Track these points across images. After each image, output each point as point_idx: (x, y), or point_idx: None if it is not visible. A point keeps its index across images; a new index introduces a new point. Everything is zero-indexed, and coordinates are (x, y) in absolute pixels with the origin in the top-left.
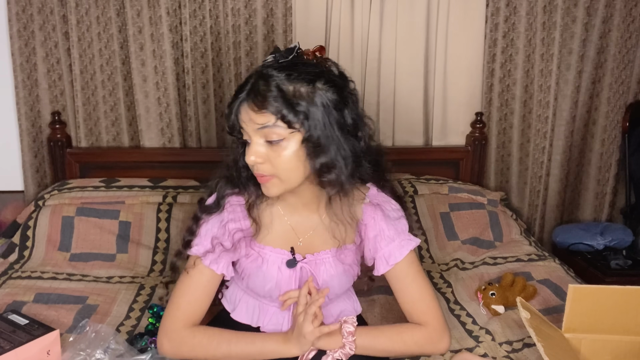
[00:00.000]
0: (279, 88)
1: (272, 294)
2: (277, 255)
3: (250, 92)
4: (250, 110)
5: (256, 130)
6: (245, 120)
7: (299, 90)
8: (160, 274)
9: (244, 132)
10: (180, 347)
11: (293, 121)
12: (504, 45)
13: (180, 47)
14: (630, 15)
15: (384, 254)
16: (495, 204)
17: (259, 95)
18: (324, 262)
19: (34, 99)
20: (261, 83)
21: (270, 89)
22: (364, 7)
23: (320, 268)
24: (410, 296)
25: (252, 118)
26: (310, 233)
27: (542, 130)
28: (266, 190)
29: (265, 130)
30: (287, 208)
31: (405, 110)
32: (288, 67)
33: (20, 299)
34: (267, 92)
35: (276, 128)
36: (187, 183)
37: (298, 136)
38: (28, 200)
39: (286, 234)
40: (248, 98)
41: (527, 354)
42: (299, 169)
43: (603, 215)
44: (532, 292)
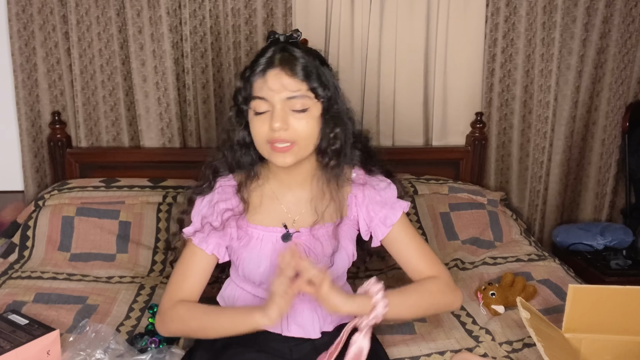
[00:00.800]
0: (305, 59)
1: (268, 275)
2: (270, 233)
3: (282, 60)
4: (285, 76)
5: (284, 99)
6: (275, 87)
7: (318, 65)
8: (160, 274)
9: (263, 101)
10: (166, 322)
11: (318, 91)
12: (504, 45)
13: (180, 47)
14: (630, 15)
15: (379, 218)
16: (495, 204)
17: (290, 63)
18: (318, 237)
19: (34, 99)
20: (286, 54)
21: (299, 58)
22: (364, 7)
23: (314, 242)
24: (414, 254)
25: (285, 84)
26: (302, 212)
27: (542, 130)
28: (282, 158)
29: (294, 100)
30: (280, 188)
31: (405, 110)
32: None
33: (20, 299)
34: (297, 60)
35: (305, 97)
36: (187, 183)
37: (319, 106)
38: (28, 200)
39: (279, 214)
40: (280, 65)
41: (527, 354)
42: (315, 137)
43: (603, 215)
44: (532, 292)
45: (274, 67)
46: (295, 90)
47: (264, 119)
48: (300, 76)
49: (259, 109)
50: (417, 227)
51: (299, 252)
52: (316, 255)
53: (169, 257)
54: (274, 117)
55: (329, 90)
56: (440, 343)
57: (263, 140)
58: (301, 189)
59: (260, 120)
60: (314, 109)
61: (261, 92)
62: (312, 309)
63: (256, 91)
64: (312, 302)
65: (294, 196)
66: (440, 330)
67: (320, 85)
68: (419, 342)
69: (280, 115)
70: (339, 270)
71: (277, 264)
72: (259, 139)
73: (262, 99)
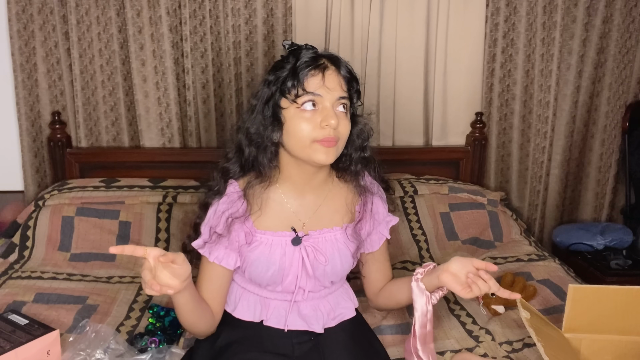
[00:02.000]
0: (349, 67)
1: (275, 279)
2: (279, 238)
3: (335, 62)
4: (339, 76)
5: (337, 99)
6: (331, 86)
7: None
8: None
9: (318, 97)
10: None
11: (355, 97)
12: (504, 45)
13: (180, 47)
14: (630, 15)
15: (380, 230)
16: (495, 204)
17: (341, 67)
18: (326, 240)
19: (34, 99)
20: (334, 59)
21: (347, 66)
22: (364, 7)
23: (324, 244)
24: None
25: (342, 85)
26: (312, 215)
27: (542, 130)
28: (327, 154)
29: (342, 100)
30: (290, 192)
31: (405, 110)
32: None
33: (20, 299)
34: (346, 67)
35: (347, 99)
36: (187, 183)
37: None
38: (28, 200)
39: (288, 218)
40: (334, 65)
41: (527, 354)
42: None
43: (603, 215)
44: (532, 292)
45: (328, 67)
46: (345, 91)
47: (312, 116)
48: (348, 79)
49: (311, 103)
50: (417, 227)
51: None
52: (325, 257)
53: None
54: (330, 114)
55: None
56: (440, 343)
57: (309, 138)
58: (313, 193)
59: (307, 118)
60: (348, 113)
61: (318, 89)
62: (315, 306)
63: (310, 87)
64: (314, 299)
65: (303, 200)
66: (440, 330)
67: (356, 92)
68: None
69: (334, 114)
70: (344, 269)
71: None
72: (305, 136)
73: (317, 95)
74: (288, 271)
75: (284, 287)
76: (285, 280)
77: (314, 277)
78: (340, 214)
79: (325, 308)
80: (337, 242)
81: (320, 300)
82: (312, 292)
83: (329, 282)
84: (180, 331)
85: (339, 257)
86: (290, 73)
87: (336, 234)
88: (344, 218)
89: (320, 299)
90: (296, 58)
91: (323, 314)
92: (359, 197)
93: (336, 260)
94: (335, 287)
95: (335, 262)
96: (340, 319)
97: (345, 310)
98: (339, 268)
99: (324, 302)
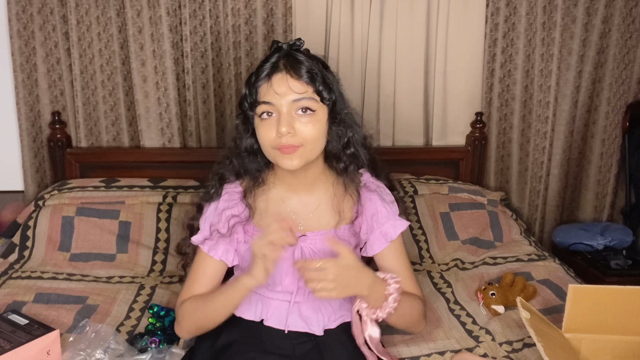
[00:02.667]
0: (309, 63)
1: (273, 278)
2: None
3: (286, 64)
4: (290, 79)
5: (291, 102)
6: (281, 91)
7: (322, 70)
8: (160, 274)
9: (271, 106)
10: (180, 323)
11: (324, 94)
12: (504, 45)
13: (180, 47)
14: (630, 15)
15: (381, 232)
16: (495, 204)
17: (295, 66)
18: (323, 242)
19: (34, 99)
20: (290, 58)
21: (303, 62)
22: (364, 7)
23: (321, 248)
24: (403, 274)
25: (291, 87)
26: (309, 216)
27: (542, 130)
28: (290, 161)
29: (301, 102)
30: (287, 192)
31: (405, 110)
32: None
33: (20, 299)
34: (301, 64)
35: (311, 100)
36: (187, 183)
37: (325, 110)
38: (28, 200)
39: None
40: (285, 69)
41: (527, 354)
42: (322, 141)
43: (603, 215)
44: (532, 292)
45: (278, 70)
46: (301, 92)
47: (271, 124)
48: (306, 78)
49: (266, 111)
50: (417, 227)
51: (289, 221)
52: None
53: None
54: (281, 121)
55: (334, 94)
56: (440, 343)
57: (270, 146)
58: (308, 193)
59: (266, 125)
60: (320, 112)
61: (267, 97)
62: (317, 308)
63: (262, 96)
64: (316, 300)
65: (300, 200)
66: (440, 330)
67: (326, 88)
68: (419, 342)
69: (287, 120)
70: None
71: (265, 231)
72: (266, 144)
73: (268, 103)
74: (286, 271)
75: (283, 287)
76: (285, 280)
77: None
78: (339, 214)
79: (326, 310)
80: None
81: (322, 301)
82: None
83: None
84: None
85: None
86: (247, 83)
87: (334, 235)
88: (343, 219)
89: (322, 300)
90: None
91: (324, 315)
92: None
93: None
94: None
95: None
96: (342, 320)
97: (347, 312)
98: None
99: (326, 303)
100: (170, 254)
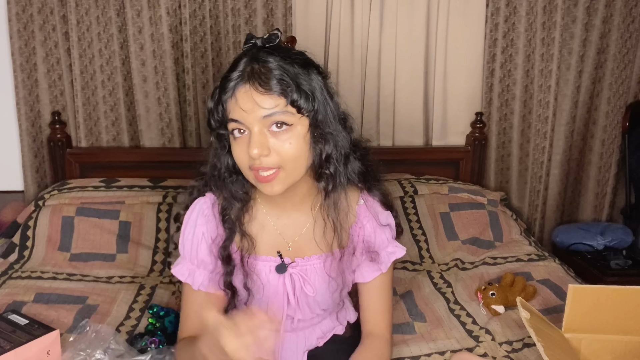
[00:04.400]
0: (281, 69)
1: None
2: (263, 263)
3: (251, 75)
4: (256, 93)
5: (261, 118)
6: (247, 108)
7: (299, 73)
8: (160, 274)
9: (239, 124)
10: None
11: (301, 104)
12: (504, 45)
13: (180, 47)
14: (630, 15)
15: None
16: (495, 204)
17: (262, 76)
18: (315, 268)
19: (34, 99)
20: (258, 65)
21: (272, 70)
22: (364, 7)
23: (312, 274)
24: (382, 308)
25: (258, 102)
26: (298, 236)
27: (542, 130)
28: (270, 187)
29: (274, 117)
30: (274, 211)
31: (405, 110)
32: (277, 51)
33: (20, 299)
34: (270, 73)
35: (285, 114)
36: (187, 183)
37: (305, 122)
38: (28, 200)
39: (273, 239)
40: (249, 81)
41: (527, 354)
42: (304, 158)
43: (603, 215)
44: (532, 292)
45: (243, 83)
46: (271, 107)
47: (245, 142)
48: (276, 90)
49: (237, 129)
50: (417, 227)
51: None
52: (313, 287)
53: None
54: (251, 143)
55: (315, 101)
56: (440, 343)
57: (246, 167)
58: (297, 211)
59: (239, 144)
60: (298, 125)
61: (233, 114)
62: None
63: (229, 112)
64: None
65: (289, 218)
66: (440, 330)
67: (302, 96)
68: (419, 342)
69: (258, 140)
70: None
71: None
72: (242, 165)
73: (235, 121)
74: (273, 300)
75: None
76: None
77: (303, 306)
78: (331, 236)
79: (316, 335)
80: (328, 269)
81: (312, 328)
82: (302, 321)
83: (321, 310)
84: None
85: (327, 287)
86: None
87: (326, 261)
88: (335, 241)
89: (312, 327)
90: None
91: (312, 342)
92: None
93: (325, 291)
94: (328, 312)
95: (324, 292)
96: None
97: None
98: (329, 298)
99: (316, 329)
100: (170, 254)
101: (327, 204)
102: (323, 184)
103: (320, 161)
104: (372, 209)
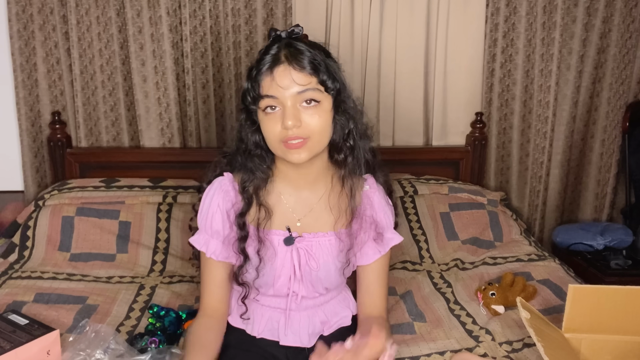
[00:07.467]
0: (310, 52)
1: (267, 279)
2: (272, 236)
3: (287, 56)
4: (293, 71)
5: (295, 94)
6: (284, 84)
7: (325, 58)
8: (160, 274)
9: (274, 99)
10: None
11: (329, 84)
12: (504, 45)
13: (180, 47)
14: (630, 15)
15: (376, 242)
16: (495, 204)
17: (297, 57)
18: (320, 245)
19: (34, 99)
20: (291, 49)
21: (304, 52)
22: (364, 7)
23: (317, 250)
24: (379, 290)
25: (295, 79)
26: (308, 213)
27: (542, 130)
28: (297, 155)
29: (306, 94)
30: (287, 188)
31: (405, 110)
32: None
33: (20, 299)
34: (303, 54)
35: (315, 91)
36: (187, 183)
37: (329, 99)
38: (28, 200)
39: (284, 215)
40: (287, 61)
41: (527, 354)
42: (328, 132)
43: (603, 215)
44: (532, 292)
45: (280, 63)
46: (305, 83)
47: (276, 118)
48: (309, 69)
49: (268, 105)
50: (417, 227)
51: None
52: (317, 263)
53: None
54: (286, 115)
55: (338, 83)
56: (440, 343)
57: (276, 140)
58: (310, 189)
59: (271, 119)
60: (325, 102)
61: (270, 90)
62: (309, 316)
63: (265, 90)
64: (308, 309)
65: (299, 197)
66: (440, 330)
67: (329, 77)
68: (419, 342)
69: (292, 113)
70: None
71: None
72: (272, 138)
73: (271, 97)
74: (280, 272)
75: (275, 290)
76: (277, 282)
77: (306, 282)
78: (337, 216)
79: (319, 319)
80: (332, 247)
81: (315, 309)
82: (306, 299)
83: (324, 289)
84: (180, 331)
85: (332, 264)
86: (248, 77)
87: (331, 239)
88: (341, 220)
89: (315, 308)
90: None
91: (316, 326)
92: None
93: (330, 267)
94: (331, 295)
95: (328, 269)
96: (338, 326)
97: (342, 320)
98: (333, 276)
99: (319, 312)
100: (170, 254)
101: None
102: (342, 156)
103: (342, 134)
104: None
